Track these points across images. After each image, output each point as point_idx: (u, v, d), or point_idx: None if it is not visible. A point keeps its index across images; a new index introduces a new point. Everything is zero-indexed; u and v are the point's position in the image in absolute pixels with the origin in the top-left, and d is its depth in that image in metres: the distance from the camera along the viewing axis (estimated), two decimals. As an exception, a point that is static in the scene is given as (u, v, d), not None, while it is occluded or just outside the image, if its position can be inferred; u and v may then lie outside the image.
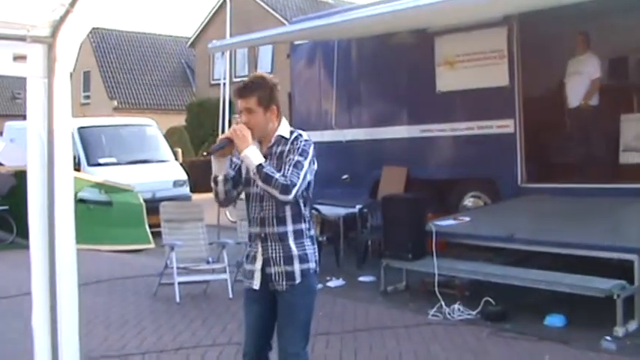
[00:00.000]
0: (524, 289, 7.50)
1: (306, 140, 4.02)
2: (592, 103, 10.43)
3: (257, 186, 3.98)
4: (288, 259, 3.99)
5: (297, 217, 4.04)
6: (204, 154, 4.01)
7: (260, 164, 3.84)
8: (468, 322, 7.28)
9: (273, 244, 4.00)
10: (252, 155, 3.87)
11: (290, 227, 4.01)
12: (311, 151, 4.00)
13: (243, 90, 4.01)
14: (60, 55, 3.69)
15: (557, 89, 11.14)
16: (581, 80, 10.45)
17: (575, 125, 10.57)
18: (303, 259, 4.02)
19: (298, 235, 4.04)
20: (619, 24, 10.50)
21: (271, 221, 4.00)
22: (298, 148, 3.97)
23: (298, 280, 4.00)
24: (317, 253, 4.17)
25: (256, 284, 4.07)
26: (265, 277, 4.02)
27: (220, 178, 4.03)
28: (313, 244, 4.14)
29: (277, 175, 3.82)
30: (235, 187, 4.10)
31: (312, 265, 4.07)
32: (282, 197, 3.84)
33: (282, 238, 4.00)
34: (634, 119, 10.42)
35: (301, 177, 3.88)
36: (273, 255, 4.00)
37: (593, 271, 7.14)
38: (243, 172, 4.09)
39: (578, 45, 10.61)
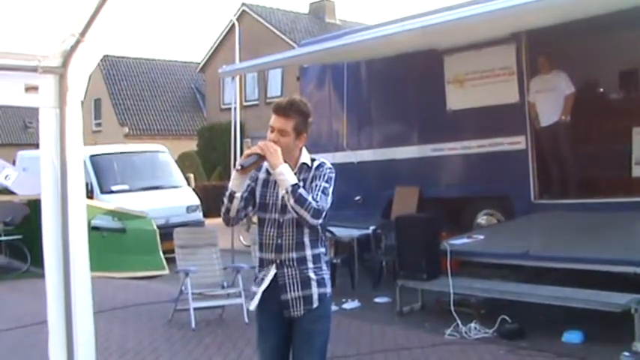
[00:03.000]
0: (541, 305, 7.45)
1: (329, 168, 4.02)
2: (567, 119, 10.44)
3: (275, 212, 3.97)
4: (306, 284, 3.96)
5: (315, 242, 4.01)
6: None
7: (296, 184, 3.82)
8: (485, 340, 7.23)
9: (290, 270, 3.96)
10: (287, 173, 3.85)
11: (309, 252, 3.98)
12: (334, 179, 4.00)
13: (285, 109, 3.96)
14: (71, 85, 3.72)
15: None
16: (555, 97, 10.41)
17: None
18: (321, 283, 4.00)
19: (316, 259, 4.01)
20: (630, 38, 10.47)
21: (290, 247, 3.96)
22: (324, 174, 3.97)
23: (316, 304, 3.97)
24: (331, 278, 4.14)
25: (253, 305, 4.07)
26: (281, 305, 3.97)
27: (238, 194, 3.97)
28: (328, 269, 4.13)
29: (310, 198, 3.82)
30: (245, 207, 4.04)
31: (328, 289, 4.05)
32: (312, 221, 3.82)
33: (300, 263, 3.96)
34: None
35: (329, 203, 3.89)
36: (290, 281, 3.96)
37: (610, 285, 7.10)
38: (257, 196, 4.07)
39: (541, 66, 10.60)
